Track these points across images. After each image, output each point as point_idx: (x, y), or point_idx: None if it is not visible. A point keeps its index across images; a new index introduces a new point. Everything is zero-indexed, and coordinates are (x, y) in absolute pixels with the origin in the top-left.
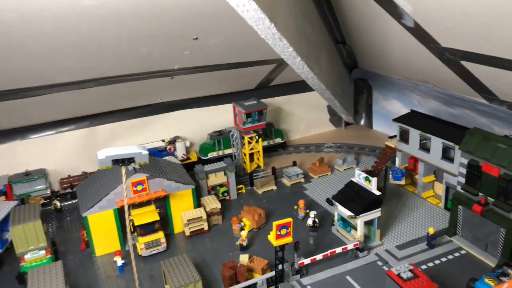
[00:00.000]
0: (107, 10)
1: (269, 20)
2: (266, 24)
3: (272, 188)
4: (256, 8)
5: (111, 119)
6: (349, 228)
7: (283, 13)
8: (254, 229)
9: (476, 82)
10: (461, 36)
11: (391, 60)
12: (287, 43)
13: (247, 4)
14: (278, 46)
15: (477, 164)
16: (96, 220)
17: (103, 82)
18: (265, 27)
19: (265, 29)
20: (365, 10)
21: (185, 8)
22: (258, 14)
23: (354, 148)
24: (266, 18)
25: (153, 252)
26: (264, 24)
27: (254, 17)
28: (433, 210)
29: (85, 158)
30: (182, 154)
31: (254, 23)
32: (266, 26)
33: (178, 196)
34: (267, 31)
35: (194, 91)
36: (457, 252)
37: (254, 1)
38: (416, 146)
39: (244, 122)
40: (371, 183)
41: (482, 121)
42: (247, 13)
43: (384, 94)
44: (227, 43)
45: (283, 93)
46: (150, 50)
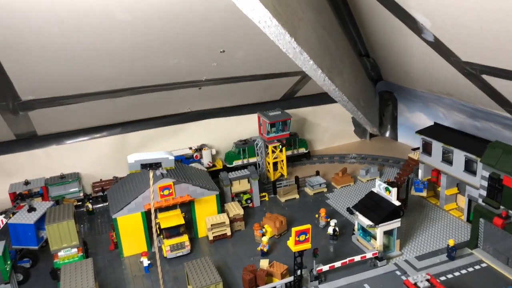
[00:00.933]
0: (139, 24)
1: (289, 35)
2: (287, 39)
3: (295, 197)
4: (276, 24)
5: (141, 126)
6: (368, 238)
7: (304, 28)
8: (275, 236)
9: (498, 95)
10: (480, 51)
11: (413, 73)
12: (308, 56)
13: (268, 21)
14: (299, 60)
15: (498, 177)
16: (125, 222)
17: (134, 91)
18: (286, 42)
19: (286, 43)
20: (386, 24)
21: (212, 22)
22: (279, 29)
23: (378, 160)
24: (287, 33)
25: (178, 255)
26: (285, 39)
27: (275, 33)
28: (455, 222)
29: (116, 163)
30: (208, 162)
31: (275, 38)
32: (287, 41)
33: (203, 202)
34: (288, 45)
35: (221, 101)
36: (477, 265)
37: (275, 18)
38: (439, 159)
39: (268, 131)
40: (391, 193)
41: (506, 135)
42: (268, 29)
43: (409, 107)
44: (252, 56)
45: (308, 104)
46: (179, 62)
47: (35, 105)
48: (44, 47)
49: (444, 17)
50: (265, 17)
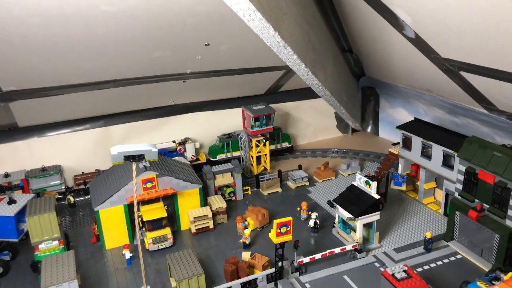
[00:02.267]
0: (123, 15)
1: (273, 29)
2: (271, 33)
3: (277, 190)
4: (261, 17)
5: (125, 119)
6: (349, 230)
7: (288, 22)
8: (257, 229)
9: (476, 92)
10: (459, 48)
11: (395, 69)
12: (291, 50)
13: (253, 14)
14: (283, 54)
15: (474, 171)
16: (107, 215)
17: (118, 84)
18: (270, 36)
19: (270, 37)
20: (369, 20)
21: (197, 15)
22: (263, 23)
23: (359, 154)
24: (271, 27)
25: (160, 247)
26: (269, 32)
27: (259, 26)
28: (432, 216)
29: (99, 156)
30: (192, 155)
31: (259, 32)
32: (271, 35)
33: (186, 195)
34: (272, 39)
35: (205, 95)
36: (453, 256)
37: (259, 12)
38: (418, 153)
39: (252, 125)
40: (371, 187)
41: (484, 130)
42: (252, 22)
43: (390, 102)
44: (237, 49)
45: (292, 99)
46: (163, 54)
47: (16, 96)
48: (26, 37)
49: (424, 13)
50: (249, 10)
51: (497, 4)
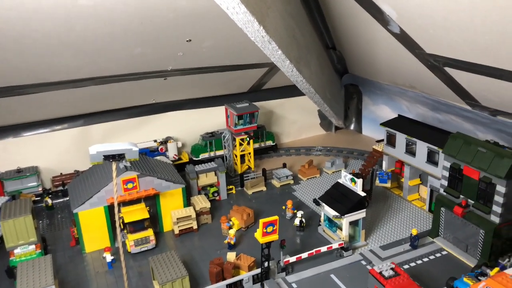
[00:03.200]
0: (102, 10)
1: (258, 23)
2: (255, 27)
3: (262, 189)
4: (245, 11)
5: (105, 118)
6: (334, 228)
7: (273, 17)
8: (242, 229)
9: (460, 88)
10: (444, 43)
11: (379, 65)
12: (276, 46)
13: (237, 7)
14: (267, 49)
15: (459, 167)
16: (86, 217)
17: (97, 81)
18: (254, 30)
19: (254, 31)
20: (353, 16)
21: (178, 10)
22: (247, 16)
23: (343, 152)
24: (255, 20)
25: (142, 249)
26: (253, 26)
27: (244, 20)
28: (417, 212)
29: (78, 156)
30: (174, 155)
31: (243, 26)
32: (255, 29)
33: (168, 195)
34: (256, 33)
35: (187, 93)
36: (438, 252)
37: (243, 4)
38: (402, 150)
39: (236, 124)
40: (356, 184)
41: (466, 127)
42: (236, 16)
43: (373, 100)
44: (220, 46)
45: (275, 97)
46: (144, 50)
47: None
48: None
49: (410, 8)
50: (233, 2)
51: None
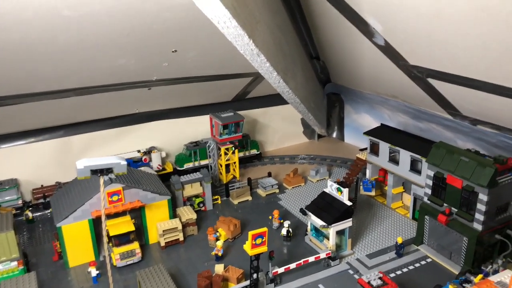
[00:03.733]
0: (87, 22)
1: (248, 37)
2: (245, 40)
3: (248, 199)
4: (236, 25)
5: (86, 129)
6: (321, 238)
7: (261, 30)
8: (229, 239)
9: (441, 98)
10: (427, 55)
11: (362, 75)
12: (265, 58)
13: (228, 22)
14: (256, 62)
15: (442, 176)
16: (70, 231)
17: (79, 92)
18: (244, 44)
19: (244, 45)
20: (338, 27)
21: (163, 22)
22: (238, 31)
23: (327, 160)
24: (245, 34)
25: (128, 263)
26: (243, 40)
27: (234, 34)
28: (401, 220)
29: (59, 168)
30: (158, 165)
31: (233, 39)
32: (245, 43)
33: (154, 207)
34: (246, 47)
35: (171, 102)
36: (423, 260)
37: (234, 19)
38: (386, 159)
39: (221, 133)
40: (342, 193)
41: (447, 135)
42: (227, 30)
43: (355, 108)
44: (205, 56)
45: (259, 106)
46: (128, 61)
47: None
48: None
49: (396, 21)
50: (224, 17)
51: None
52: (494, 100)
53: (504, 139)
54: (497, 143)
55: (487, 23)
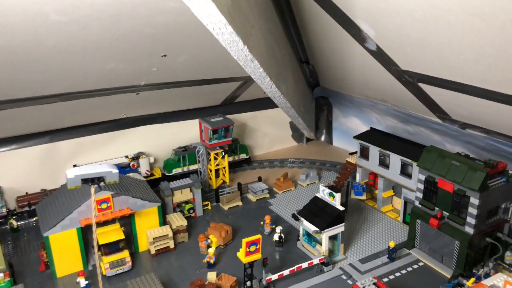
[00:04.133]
0: (75, 26)
1: (243, 43)
2: (240, 46)
3: (238, 204)
4: (231, 31)
5: (73, 134)
6: (314, 243)
7: (255, 35)
8: (221, 246)
9: (432, 102)
10: (420, 61)
11: (352, 80)
12: (258, 64)
13: (223, 28)
14: (249, 67)
15: (434, 180)
16: (58, 240)
17: (66, 97)
18: (239, 49)
19: (238, 51)
20: (330, 32)
21: (154, 26)
22: (233, 37)
23: (316, 164)
24: (240, 41)
25: (118, 272)
26: (237, 46)
27: (229, 40)
28: (392, 224)
29: (45, 175)
30: (146, 171)
31: (228, 45)
32: (240, 49)
33: (144, 214)
34: (240, 53)
35: (159, 107)
36: (415, 264)
37: (230, 25)
38: (376, 162)
39: (211, 138)
40: (335, 198)
41: (435, 138)
42: (222, 36)
43: (343, 112)
44: (195, 61)
45: (248, 110)
46: (117, 66)
47: None
48: None
49: (389, 26)
50: (220, 23)
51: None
52: (485, 104)
53: (492, 143)
54: (485, 146)
55: (483, 29)
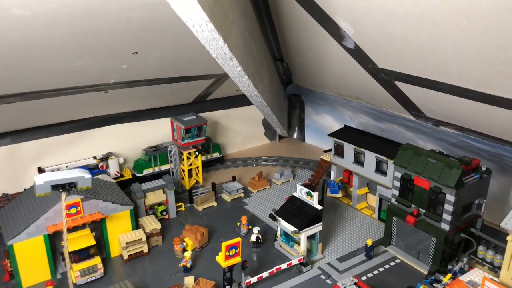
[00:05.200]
0: (41, 22)
1: (223, 41)
2: (220, 44)
3: (213, 205)
4: (212, 29)
5: (37, 135)
6: (292, 243)
7: (235, 33)
8: (196, 249)
9: (407, 100)
10: (398, 59)
11: (327, 78)
12: (237, 62)
13: (204, 25)
14: (227, 65)
15: (410, 177)
16: (23, 248)
17: (29, 97)
18: (218, 48)
19: (218, 49)
20: (306, 30)
21: (126, 22)
22: (213, 34)
23: (290, 161)
24: (221, 38)
25: (90, 279)
26: (217, 44)
27: (209, 37)
28: (367, 221)
29: (6, 178)
30: (116, 172)
31: (207, 43)
32: (220, 47)
33: (115, 218)
34: (220, 51)
35: (128, 105)
36: (392, 261)
37: (211, 22)
38: (351, 160)
39: (183, 137)
40: (313, 198)
41: (408, 135)
42: (202, 33)
43: (316, 109)
44: (167, 58)
45: (220, 107)
46: (85, 63)
47: None
48: None
49: (370, 25)
50: (201, 20)
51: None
52: (461, 103)
53: (464, 139)
54: (458, 143)
55: (467, 28)
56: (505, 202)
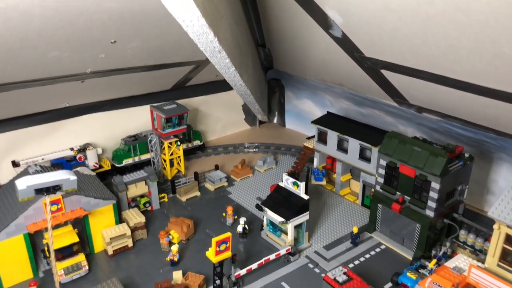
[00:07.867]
0: (14, 13)
1: (214, 35)
2: (210, 38)
3: (196, 195)
4: (203, 23)
5: (9, 127)
6: (279, 233)
7: (224, 25)
8: (183, 241)
9: (391, 88)
10: (386, 49)
11: (311, 64)
12: (226, 55)
13: (195, 20)
14: (215, 58)
15: (395, 165)
16: (2, 248)
17: (2, 88)
18: (208, 41)
19: (207, 43)
20: (293, 17)
21: (105, 12)
22: (204, 29)
23: (271, 148)
24: (211, 32)
25: (74, 277)
26: (207, 38)
27: (199, 32)
28: (351, 207)
29: None
30: (94, 163)
31: (196, 37)
32: (209, 40)
33: (98, 213)
34: (209, 44)
35: (105, 94)
36: (377, 247)
37: (203, 18)
38: (334, 147)
39: (164, 127)
40: (299, 187)
41: (388, 120)
42: (192, 28)
43: (296, 94)
44: (146, 46)
45: (199, 94)
46: (61, 54)
47: None
48: None
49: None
50: (193, 16)
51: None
52: (449, 92)
53: (444, 125)
54: (438, 128)
55: (463, 23)
56: (484, 186)
